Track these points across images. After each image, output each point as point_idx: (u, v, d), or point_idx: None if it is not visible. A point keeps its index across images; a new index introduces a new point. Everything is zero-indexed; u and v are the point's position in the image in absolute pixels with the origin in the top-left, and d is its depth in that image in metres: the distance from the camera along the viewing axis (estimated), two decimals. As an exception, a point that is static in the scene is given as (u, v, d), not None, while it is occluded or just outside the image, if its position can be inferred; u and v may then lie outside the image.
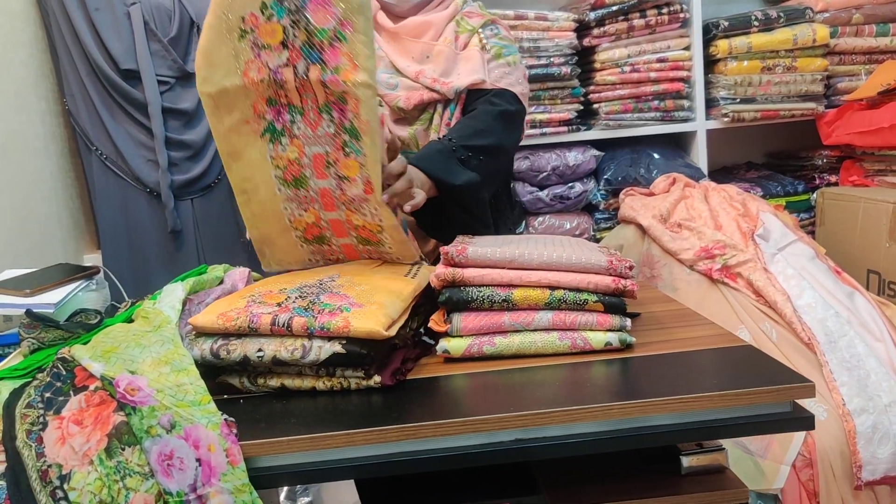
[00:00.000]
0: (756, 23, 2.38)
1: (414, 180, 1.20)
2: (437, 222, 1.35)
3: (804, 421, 0.84)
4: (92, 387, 0.86)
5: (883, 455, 1.51)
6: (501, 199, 1.61)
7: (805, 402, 1.51)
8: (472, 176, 1.33)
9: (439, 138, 1.41)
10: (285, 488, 2.09)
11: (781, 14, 2.39)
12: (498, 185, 1.54)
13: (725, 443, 1.03)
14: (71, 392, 0.86)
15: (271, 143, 1.14)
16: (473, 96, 1.47)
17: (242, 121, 1.13)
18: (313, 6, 1.03)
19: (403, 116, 1.50)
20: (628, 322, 1.03)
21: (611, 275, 1.02)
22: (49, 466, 0.78)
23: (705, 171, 2.45)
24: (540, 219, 2.46)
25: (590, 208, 2.51)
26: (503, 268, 1.03)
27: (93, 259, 2.15)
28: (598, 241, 2.36)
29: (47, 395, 0.87)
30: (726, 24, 2.39)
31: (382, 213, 1.12)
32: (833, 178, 2.46)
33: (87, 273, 1.41)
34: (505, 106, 1.45)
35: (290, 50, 1.05)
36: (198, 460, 0.79)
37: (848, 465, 1.51)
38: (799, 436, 1.51)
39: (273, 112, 1.11)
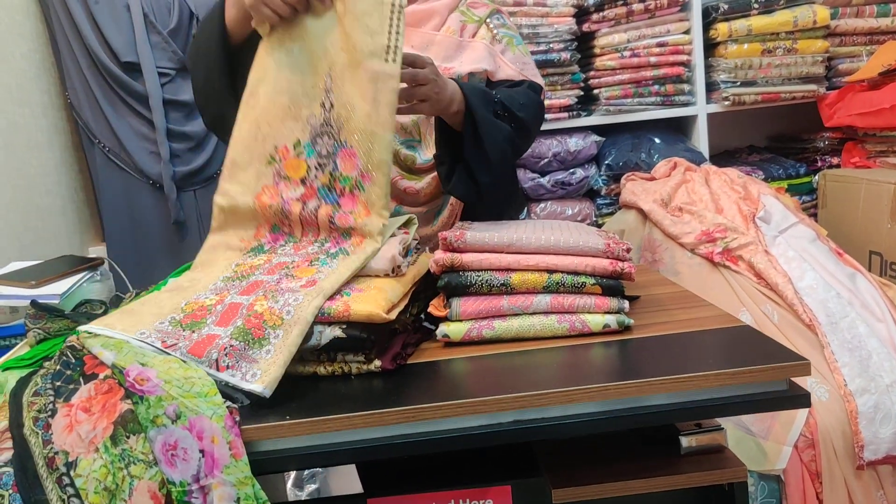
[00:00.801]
0: (756, 5, 2.37)
1: (447, 84, 1.19)
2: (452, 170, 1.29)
3: (800, 399, 0.85)
4: (102, 375, 0.87)
5: (885, 435, 1.52)
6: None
7: (807, 383, 1.53)
8: (501, 126, 1.28)
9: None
10: (292, 475, 2.11)
11: (782, -4, 2.38)
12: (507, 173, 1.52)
13: (727, 424, 1.04)
14: (81, 380, 0.88)
15: (247, 256, 1.14)
16: (504, 84, 1.43)
17: (238, 239, 1.16)
18: (343, 154, 1.11)
19: None
20: (626, 304, 1.03)
21: (608, 257, 1.03)
22: (56, 453, 0.79)
23: (706, 154, 2.45)
24: (542, 205, 2.46)
25: (591, 194, 2.51)
26: (501, 252, 1.04)
27: (97, 251, 2.16)
28: (599, 226, 2.37)
29: (57, 383, 0.88)
30: (726, 6, 2.38)
31: (301, 305, 0.95)
32: (835, 160, 2.45)
33: (91, 264, 1.42)
34: (540, 99, 1.43)
35: (307, 188, 1.12)
36: (201, 451, 0.80)
37: (850, 445, 1.52)
38: (801, 416, 1.52)
39: (272, 238, 1.15)
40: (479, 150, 1.25)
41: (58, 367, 0.89)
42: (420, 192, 1.41)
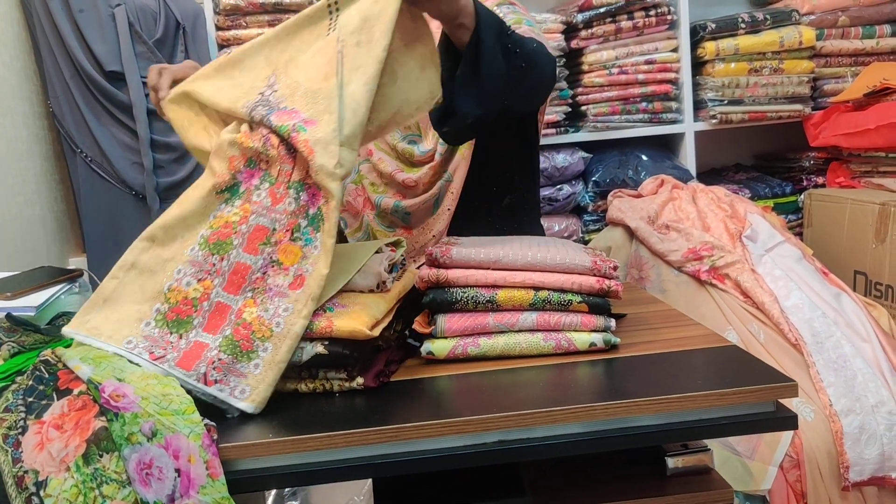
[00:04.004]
0: (743, 25, 2.39)
1: None
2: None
3: (787, 420, 0.84)
4: (76, 391, 0.85)
5: (870, 456, 1.51)
6: (526, 204, 1.52)
7: (792, 403, 1.52)
8: (509, 60, 1.14)
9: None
10: (273, 492, 2.08)
11: (768, 16, 2.40)
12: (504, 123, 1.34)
13: (713, 444, 1.02)
14: (54, 395, 0.85)
15: (225, 202, 1.04)
16: None
17: (216, 170, 1.06)
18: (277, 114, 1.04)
19: None
20: (612, 322, 1.02)
21: (595, 275, 1.02)
22: (25, 472, 0.77)
23: (693, 172, 2.45)
24: (529, 221, 2.45)
25: (578, 210, 2.51)
26: (487, 268, 1.03)
27: (78, 262, 2.13)
28: (586, 242, 2.36)
29: (29, 399, 0.85)
30: (713, 26, 2.39)
31: (291, 318, 0.94)
32: (820, 180, 2.46)
33: (69, 276, 1.39)
34: (555, 63, 1.31)
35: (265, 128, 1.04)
36: (177, 471, 0.78)
37: (835, 465, 1.51)
38: (786, 437, 1.52)
39: (247, 173, 1.05)
40: (476, 76, 1.13)
41: (30, 383, 0.87)
42: (418, 182, 1.41)
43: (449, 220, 1.44)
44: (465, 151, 1.41)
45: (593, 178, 2.44)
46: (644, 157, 2.44)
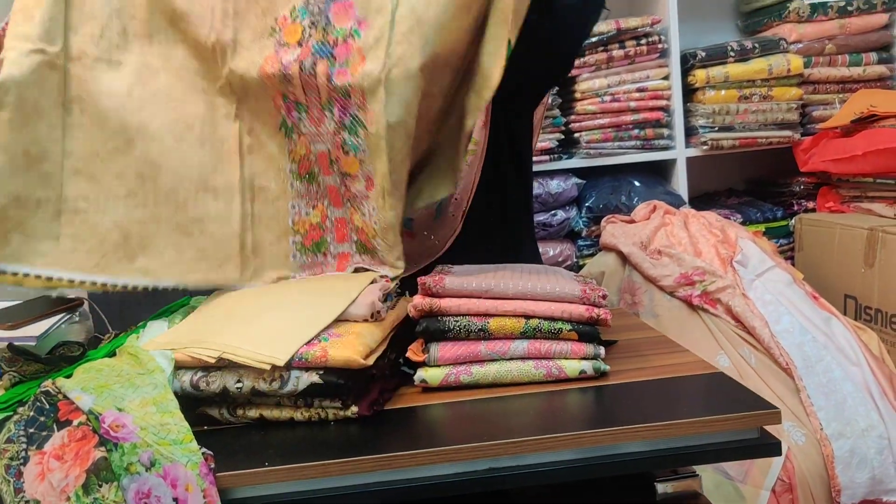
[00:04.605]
0: (732, 53, 2.44)
1: None
2: None
3: (771, 447, 0.86)
4: (76, 421, 0.87)
5: (861, 479, 1.53)
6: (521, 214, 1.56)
7: (782, 428, 1.54)
8: None
9: None
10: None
11: (756, 45, 2.45)
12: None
13: (706, 468, 1.04)
14: (55, 426, 0.87)
15: (287, 137, 1.18)
16: None
17: (267, 112, 1.17)
18: (336, 9, 1.09)
19: None
20: (602, 350, 1.04)
21: (584, 304, 1.04)
22: (27, 502, 0.79)
23: (686, 198, 2.49)
24: (524, 246, 2.48)
25: (572, 235, 2.54)
26: (479, 297, 1.05)
27: (77, 289, 2.15)
28: (580, 267, 2.39)
29: (31, 430, 0.87)
30: (703, 54, 2.44)
31: (380, 214, 1.13)
32: (811, 205, 2.50)
33: (70, 305, 1.42)
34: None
35: (303, 47, 1.11)
36: (175, 500, 0.80)
37: (827, 489, 1.53)
38: (778, 461, 1.53)
39: (285, 108, 1.16)
40: None
41: (31, 414, 0.89)
42: None
43: (455, 227, 1.42)
44: (469, 158, 1.43)
45: (587, 204, 2.47)
46: (637, 183, 2.48)
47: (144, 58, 1.19)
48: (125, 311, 2.00)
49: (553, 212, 2.47)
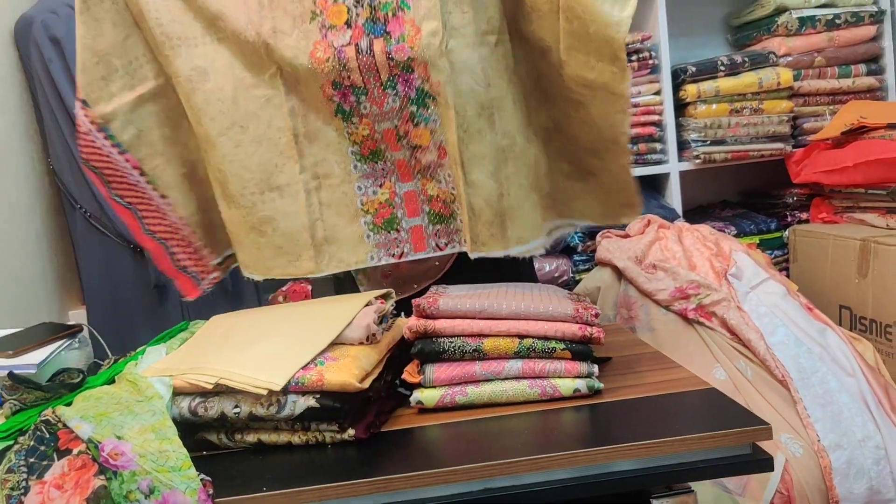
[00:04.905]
0: (722, 68, 2.46)
1: None
2: None
3: (763, 463, 0.87)
4: (75, 450, 0.88)
5: (859, 491, 1.53)
6: None
7: (781, 439, 1.55)
8: None
9: None
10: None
11: (746, 59, 2.47)
12: None
13: (704, 483, 1.05)
14: (55, 455, 0.88)
15: (344, 121, 1.18)
16: None
17: (318, 100, 1.17)
18: None
19: None
20: (595, 368, 1.06)
21: (577, 322, 1.06)
22: (28, 531, 0.79)
23: (680, 211, 2.50)
24: (520, 262, 2.49)
25: (568, 251, 2.55)
26: (474, 318, 1.07)
27: (78, 314, 2.16)
28: (577, 282, 2.40)
29: (31, 459, 0.88)
30: (694, 69, 2.47)
31: (457, 176, 1.15)
32: (804, 216, 2.51)
33: (69, 332, 1.43)
34: None
35: (353, 28, 1.12)
36: None
37: (826, 501, 1.53)
38: (776, 473, 1.54)
39: (339, 94, 1.16)
40: None
41: (32, 443, 0.90)
42: None
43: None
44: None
45: (582, 220, 2.49)
46: (631, 198, 2.49)
47: (192, 62, 1.20)
48: (124, 334, 2.01)
49: (549, 228, 2.48)
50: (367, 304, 1.11)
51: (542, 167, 1.23)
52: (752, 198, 2.80)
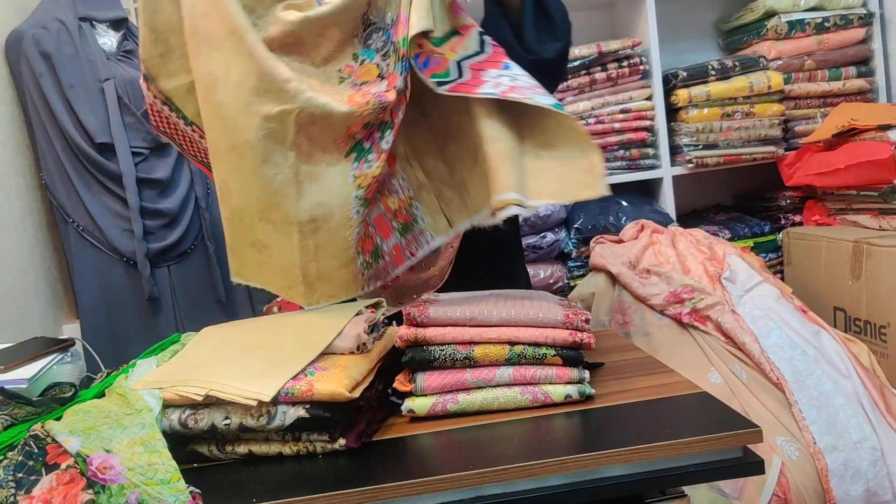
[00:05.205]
0: (713, 72, 2.47)
1: None
2: None
3: (754, 466, 0.86)
4: (63, 465, 0.87)
5: (856, 492, 1.53)
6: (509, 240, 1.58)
7: (777, 442, 1.54)
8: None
9: None
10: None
11: (737, 63, 2.48)
12: None
13: (701, 486, 1.05)
14: (43, 470, 0.88)
15: (356, 161, 1.13)
16: None
17: (331, 140, 1.12)
18: (396, 30, 1.11)
19: None
20: (587, 374, 1.05)
21: (567, 328, 1.05)
22: (17, 546, 0.79)
23: (673, 216, 2.51)
24: (515, 269, 2.49)
25: (563, 257, 2.55)
26: (464, 325, 1.06)
27: (72, 328, 2.16)
28: (572, 288, 2.40)
29: (19, 474, 0.88)
30: (685, 74, 2.47)
31: (408, 175, 1.18)
32: (797, 218, 2.52)
33: (61, 346, 1.42)
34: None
35: (388, 78, 1.13)
36: None
37: (822, 503, 1.53)
38: (773, 477, 1.53)
39: (365, 133, 1.13)
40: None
41: (20, 458, 0.89)
42: None
43: (451, 258, 1.40)
44: None
45: (575, 225, 2.49)
46: (624, 203, 2.50)
47: (209, 65, 1.12)
48: (118, 347, 2.01)
49: (542, 234, 2.49)
50: (357, 314, 1.11)
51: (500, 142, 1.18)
52: (746, 201, 2.80)
